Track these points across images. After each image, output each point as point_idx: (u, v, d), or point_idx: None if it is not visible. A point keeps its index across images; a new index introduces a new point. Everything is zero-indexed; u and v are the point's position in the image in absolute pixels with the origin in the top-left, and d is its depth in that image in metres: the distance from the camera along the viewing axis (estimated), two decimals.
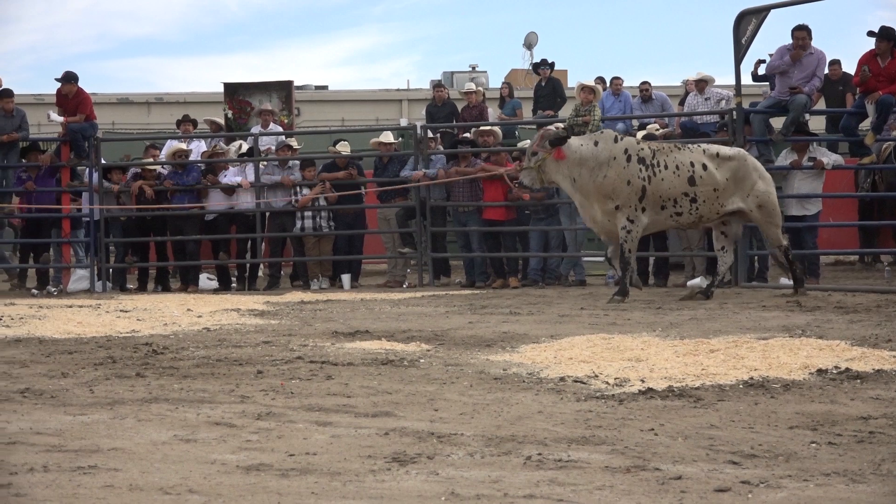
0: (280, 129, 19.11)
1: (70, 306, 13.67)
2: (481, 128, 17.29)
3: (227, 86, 21.27)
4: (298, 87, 26.49)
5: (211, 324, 11.25)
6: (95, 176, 17.39)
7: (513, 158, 16.73)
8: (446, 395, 6.74)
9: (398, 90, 36.61)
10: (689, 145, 13.91)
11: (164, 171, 17.86)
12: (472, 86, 20.21)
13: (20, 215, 18.03)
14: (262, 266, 17.97)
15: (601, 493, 4.51)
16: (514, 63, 41.80)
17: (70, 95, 17.46)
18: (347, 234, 17.46)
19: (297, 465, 4.99)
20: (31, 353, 8.91)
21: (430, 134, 17.63)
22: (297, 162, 17.50)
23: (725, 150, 13.68)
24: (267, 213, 17.43)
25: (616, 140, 13.46)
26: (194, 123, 18.93)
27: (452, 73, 34.28)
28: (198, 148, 18.14)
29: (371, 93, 36.20)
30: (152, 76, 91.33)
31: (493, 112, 20.13)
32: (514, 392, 6.83)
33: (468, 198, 16.92)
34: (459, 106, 19.66)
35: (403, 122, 28.42)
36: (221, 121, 19.92)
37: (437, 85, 21.07)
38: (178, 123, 19.19)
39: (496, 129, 17.46)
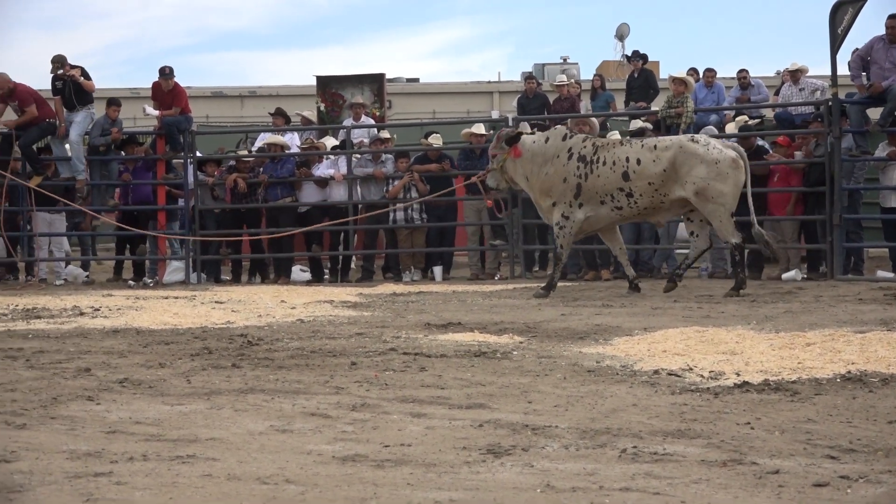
0: (372, 121, 19.15)
1: (166, 297, 13.83)
2: (580, 118, 17.27)
3: (320, 79, 21.36)
4: (390, 80, 26.55)
5: (305, 315, 11.32)
6: (191, 169, 17.60)
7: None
8: (540, 388, 6.72)
9: (489, 82, 36.51)
10: (631, 141, 14.01)
11: (258, 164, 18.02)
12: (564, 78, 20.14)
13: (118, 207, 18.26)
14: (354, 258, 18.06)
15: (697, 487, 4.47)
16: (606, 54, 41.58)
17: (166, 89, 17.67)
18: (439, 227, 17.48)
19: (393, 456, 5.00)
20: (128, 344, 9.02)
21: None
22: (390, 155, 17.57)
23: (664, 141, 13.64)
24: (360, 206, 17.50)
25: (564, 138, 13.81)
26: (286, 117, 19.04)
27: (544, 64, 34.15)
28: (291, 141, 18.26)
29: (462, 85, 36.13)
30: (246, 70, 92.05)
31: (584, 105, 20.03)
32: (608, 385, 6.79)
33: None
34: (551, 98, 19.58)
35: (495, 115, 28.35)
36: (312, 115, 20.00)
37: (528, 77, 21.00)
38: (272, 116, 19.32)
39: (593, 119, 17.41)
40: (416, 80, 36.43)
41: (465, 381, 6.95)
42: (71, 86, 17.49)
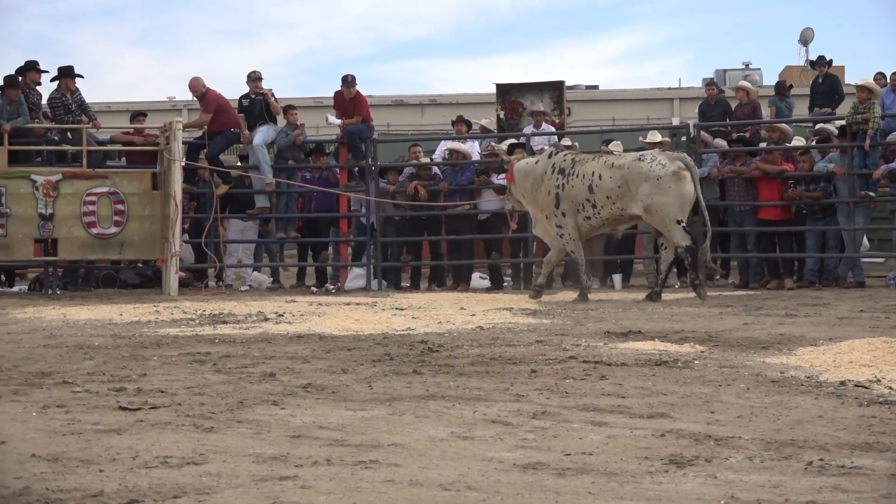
0: (552, 129, 19.12)
1: (348, 304, 13.99)
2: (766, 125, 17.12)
3: (500, 86, 21.39)
4: (569, 87, 26.42)
5: (484, 322, 11.33)
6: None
7: (786, 158, 16.46)
8: (722, 398, 6.61)
9: (669, 89, 36.11)
10: (601, 156, 14.88)
11: (439, 172, 18.14)
12: (747, 84, 19.82)
13: (299, 240, 18.58)
14: (534, 266, 18.04)
15: (887, 502, 4.35)
16: (790, 59, 40.74)
17: (347, 98, 17.90)
18: (622, 234, 17.36)
19: (574, 465, 4.97)
20: (311, 350, 9.13)
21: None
22: None
23: (619, 160, 14.49)
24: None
25: (550, 156, 14.90)
26: (468, 124, 19.12)
27: (725, 70, 33.67)
28: (471, 148, 18.34)
29: (642, 92, 35.79)
30: (425, 78, 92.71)
31: (766, 111, 19.68)
32: (793, 395, 6.65)
33: (743, 197, 16.65)
34: (733, 104, 19.28)
35: (675, 122, 28.07)
36: (492, 126, 20.05)
37: (709, 83, 20.72)
38: (453, 124, 19.43)
39: (785, 126, 17.15)
40: (596, 87, 36.20)
41: (646, 390, 6.88)
42: (262, 104, 17.90)
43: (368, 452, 5.21)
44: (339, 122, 18.04)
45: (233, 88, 17.93)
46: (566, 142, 17.67)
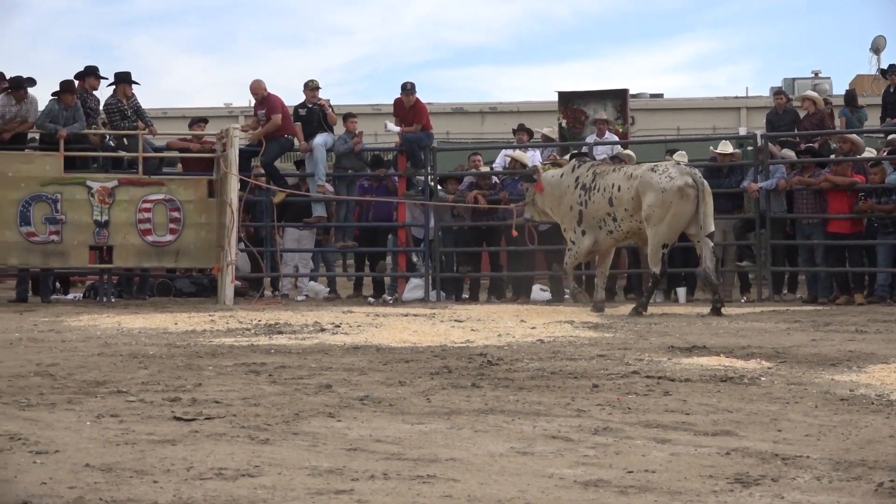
0: (615, 138, 18.98)
1: (405, 315, 13.94)
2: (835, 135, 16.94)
3: (562, 95, 21.31)
4: (633, 96, 26.34)
5: (545, 336, 11.23)
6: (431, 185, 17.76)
7: (857, 169, 16.24)
8: (790, 416, 6.46)
9: (736, 97, 35.82)
10: (621, 168, 14.80)
11: (500, 181, 18.05)
12: (813, 94, 19.59)
13: (356, 249, 18.56)
14: (596, 278, 17.87)
15: None
16: (860, 68, 40.37)
17: (407, 105, 17.86)
18: (683, 246, 17.19)
19: (636, 483, 4.86)
20: (368, 361, 9.07)
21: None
22: None
23: (636, 170, 14.43)
24: None
25: (573, 169, 14.94)
26: (529, 133, 19.01)
27: (794, 79, 33.36)
28: (533, 157, 18.23)
29: (708, 100, 35.51)
30: (486, 85, 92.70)
31: (837, 121, 19.42)
32: (863, 414, 6.49)
33: (811, 210, 16.43)
34: (802, 114, 19.05)
35: (742, 131, 27.84)
36: (554, 135, 19.95)
37: (777, 92, 20.50)
38: (514, 132, 19.33)
39: (856, 136, 16.92)
40: (660, 95, 35.99)
41: (710, 407, 6.75)
42: (319, 114, 17.90)
43: (426, 467, 5.13)
44: (398, 129, 18.00)
45: (290, 95, 17.97)
46: (627, 152, 17.53)
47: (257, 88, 17.76)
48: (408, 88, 17.79)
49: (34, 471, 5.03)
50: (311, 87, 18.23)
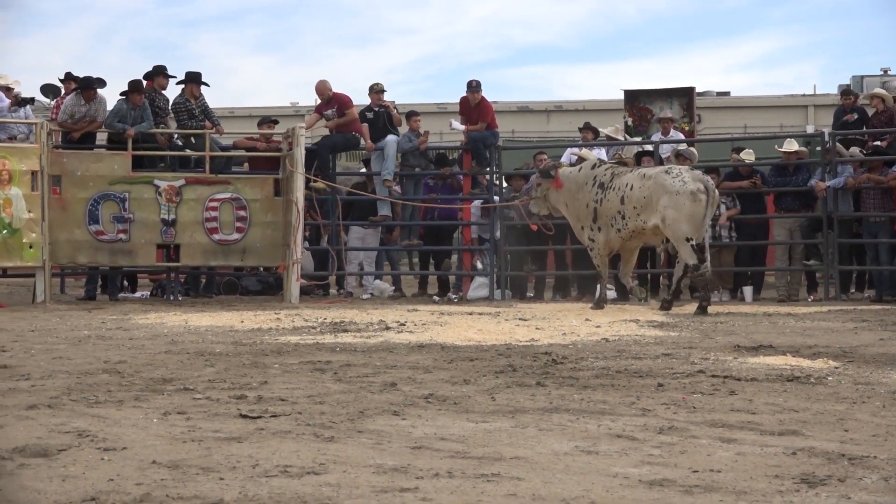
0: (681, 136, 18.86)
1: (470, 313, 13.94)
2: None
3: (628, 93, 21.22)
4: (699, 94, 26.17)
5: (610, 334, 11.19)
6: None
7: None
8: (857, 416, 6.39)
9: (804, 95, 35.49)
10: (636, 168, 15.26)
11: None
12: (882, 91, 19.36)
13: (421, 247, 18.57)
14: (661, 276, 17.82)
15: None
16: None
17: (472, 104, 17.86)
18: (749, 245, 17.09)
19: (701, 482, 4.82)
20: (433, 359, 9.07)
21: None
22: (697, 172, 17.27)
23: (650, 171, 14.78)
24: None
25: (593, 167, 15.22)
26: (595, 131, 18.94)
27: (862, 77, 32.99)
28: (598, 156, 18.15)
29: (775, 98, 35.23)
30: (551, 84, 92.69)
31: None
32: None
33: (878, 208, 16.24)
34: (870, 112, 18.83)
35: (810, 129, 27.59)
36: (617, 135, 19.86)
37: (845, 90, 20.28)
38: (580, 131, 19.28)
39: None
40: (727, 93, 35.74)
41: (776, 407, 6.69)
42: (385, 117, 17.96)
43: (490, 465, 5.12)
44: (462, 127, 18.01)
45: (355, 95, 17.99)
46: (690, 150, 17.43)
47: (323, 88, 17.83)
48: (473, 86, 17.79)
49: (102, 467, 5.07)
50: (376, 90, 18.31)
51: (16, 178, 15.94)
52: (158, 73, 17.58)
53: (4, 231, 15.78)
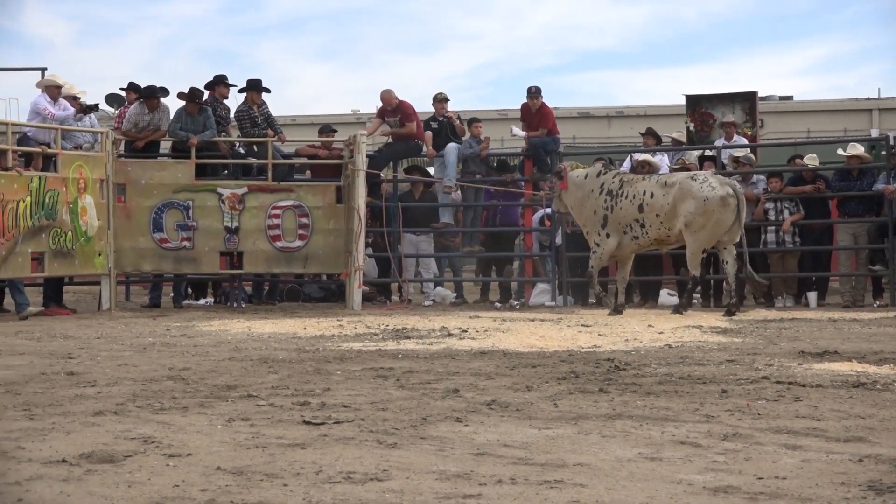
0: (744, 141, 18.74)
1: (532, 320, 13.91)
2: None
3: (689, 98, 21.09)
4: (762, 98, 25.94)
5: (672, 340, 11.14)
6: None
7: None
8: None
9: (868, 99, 35.12)
10: (651, 176, 15.49)
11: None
12: None
13: (482, 253, 18.56)
14: (724, 283, 17.69)
15: None
16: None
17: (533, 109, 17.85)
18: (814, 250, 16.94)
19: (766, 489, 4.79)
20: (495, 366, 9.07)
21: None
22: (762, 176, 17.18)
23: (672, 178, 15.08)
24: None
25: (599, 174, 15.45)
26: (657, 137, 18.86)
27: None
28: (661, 161, 18.09)
29: (839, 102, 34.85)
30: (612, 89, 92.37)
31: None
32: None
33: None
34: None
35: (874, 133, 27.31)
36: (683, 139, 19.77)
37: None
38: (642, 136, 19.21)
39: None
40: (790, 97, 35.44)
41: (842, 413, 6.62)
42: (448, 127, 18.02)
43: (553, 472, 5.11)
44: (523, 133, 18.02)
45: (417, 102, 18.07)
46: (744, 155, 17.32)
47: (389, 98, 17.89)
48: (532, 92, 17.79)
49: (167, 473, 5.11)
50: (439, 100, 18.43)
51: (89, 186, 16.10)
52: (219, 83, 17.72)
53: (82, 239, 15.92)
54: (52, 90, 16.73)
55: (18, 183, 14.92)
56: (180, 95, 17.10)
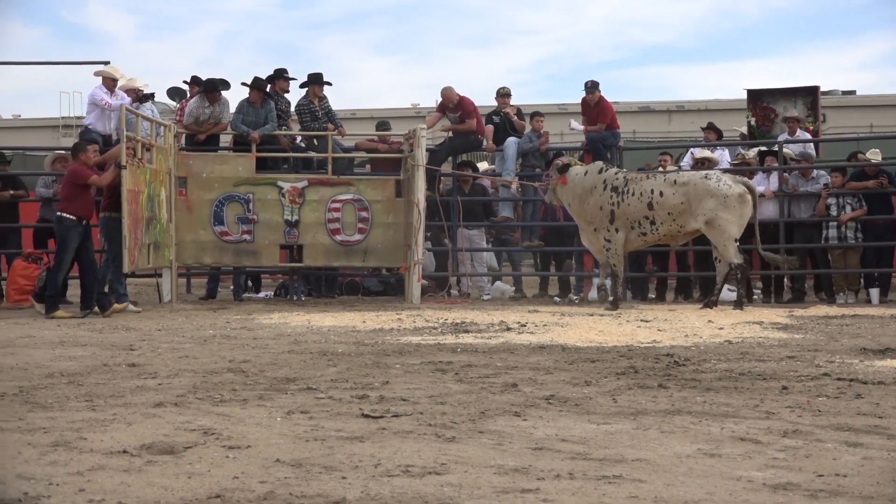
0: (807, 135, 18.58)
1: (591, 315, 13.88)
2: None
3: (751, 92, 20.91)
4: (824, 93, 25.72)
5: (733, 336, 11.07)
6: None
7: None
8: None
9: None
10: (658, 174, 15.73)
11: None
12: None
13: (541, 248, 18.50)
14: (785, 278, 17.57)
15: None
16: None
17: (591, 104, 17.80)
18: (876, 246, 16.78)
19: (827, 487, 4.76)
20: (554, 361, 9.06)
21: None
22: (823, 171, 17.02)
23: (682, 177, 15.34)
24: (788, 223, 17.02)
25: (601, 171, 15.61)
26: (718, 132, 18.74)
27: None
28: (722, 156, 17.98)
29: None
30: (672, 84, 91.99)
31: None
32: None
33: None
34: None
35: None
36: (743, 129, 19.63)
37: None
38: (703, 130, 19.09)
39: None
40: (853, 92, 35.10)
41: None
42: (506, 122, 18.03)
43: (612, 467, 5.10)
44: (581, 128, 17.97)
45: (477, 96, 18.06)
46: (801, 151, 17.20)
47: (450, 96, 17.89)
48: (588, 86, 17.73)
49: (227, 465, 5.15)
50: (502, 94, 18.50)
51: (164, 179, 16.22)
52: (279, 77, 17.80)
53: (159, 229, 15.99)
54: (108, 82, 16.84)
55: (141, 175, 15.03)
56: (244, 84, 17.20)
